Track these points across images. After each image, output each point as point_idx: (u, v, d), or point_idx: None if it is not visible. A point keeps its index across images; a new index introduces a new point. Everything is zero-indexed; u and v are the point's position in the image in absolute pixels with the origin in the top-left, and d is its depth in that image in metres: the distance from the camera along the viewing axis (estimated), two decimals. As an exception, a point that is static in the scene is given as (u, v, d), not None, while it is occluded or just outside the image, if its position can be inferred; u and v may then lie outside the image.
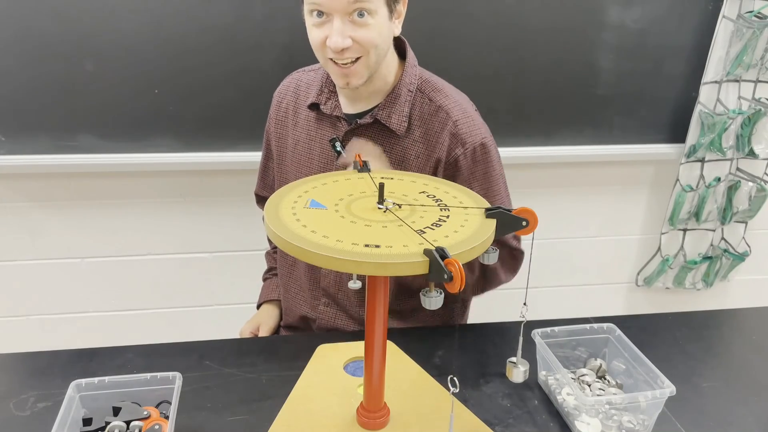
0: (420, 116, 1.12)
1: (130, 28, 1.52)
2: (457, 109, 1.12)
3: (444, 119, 1.11)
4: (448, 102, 1.12)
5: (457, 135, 1.10)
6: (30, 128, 1.58)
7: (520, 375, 0.94)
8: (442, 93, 1.14)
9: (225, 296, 1.94)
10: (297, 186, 0.86)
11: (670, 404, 0.93)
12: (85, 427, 0.84)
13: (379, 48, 1.03)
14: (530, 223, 0.75)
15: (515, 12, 1.64)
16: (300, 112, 1.21)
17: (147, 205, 1.78)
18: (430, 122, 1.11)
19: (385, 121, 1.11)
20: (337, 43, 0.98)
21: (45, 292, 1.84)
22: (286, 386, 0.97)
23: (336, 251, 0.67)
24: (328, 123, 1.17)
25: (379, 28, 1.01)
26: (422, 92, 1.13)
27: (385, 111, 1.11)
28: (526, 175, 1.89)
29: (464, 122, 1.11)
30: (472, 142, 1.10)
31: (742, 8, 1.71)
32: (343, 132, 1.14)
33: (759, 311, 1.29)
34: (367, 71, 1.05)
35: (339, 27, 0.98)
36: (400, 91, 1.11)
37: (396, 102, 1.11)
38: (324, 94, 1.16)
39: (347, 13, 0.98)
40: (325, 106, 1.16)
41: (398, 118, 1.11)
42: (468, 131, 1.11)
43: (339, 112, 1.15)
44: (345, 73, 1.04)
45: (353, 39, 0.99)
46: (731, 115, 1.80)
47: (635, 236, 2.08)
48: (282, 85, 1.27)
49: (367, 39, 1.00)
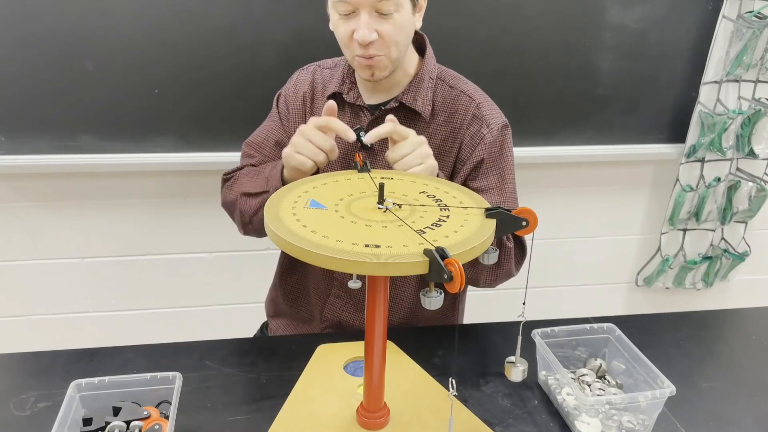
0: (443, 102, 1.16)
1: (130, 28, 1.52)
2: (478, 93, 1.17)
3: (467, 103, 1.15)
4: (468, 87, 1.17)
5: (481, 117, 1.14)
6: (30, 128, 1.58)
7: (519, 374, 0.94)
8: (461, 81, 1.19)
9: (225, 296, 1.94)
10: (297, 186, 0.86)
11: (670, 404, 0.93)
12: (85, 427, 0.84)
13: (401, 43, 1.07)
14: (530, 223, 0.75)
15: (515, 12, 1.64)
16: (317, 104, 1.21)
17: (147, 205, 1.78)
18: (453, 106, 1.15)
19: (410, 104, 1.13)
20: (364, 36, 1.01)
21: (45, 292, 1.84)
22: (286, 386, 0.96)
23: (336, 251, 0.67)
24: (349, 113, 1.18)
25: (403, 23, 1.05)
26: (443, 80, 1.18)
27: (410, 95, 1.14)
28: (526, 175, 1.88)
29: (486, 105, 1.16)
30: (496, 123, 1.14)
31: (742, 8, 1.71)
32: (367, 122, 1.16)
33: (759, 311, 1.29)
34: (390, 64, 1.08)
35: (366, 20, 1.01)
36: (423, 77, 1.15)
37: (420, 87, 1.15)
38: (346, 85, 1.18)
39: (374, 7, 1.01)
40: (348, 96, 1.17)
41: (423, 101, 1.14)
42: (491, 113, 1.15)
43: (362, 101, 1.17)
44: (369, 64, 1.06)
45: (378, 33, 1.03)
46: (731, 115, 1.80)
47: (635, 236, 2.08)
48: (297, 76, 1.24)
49: (390, 34, 1.03)
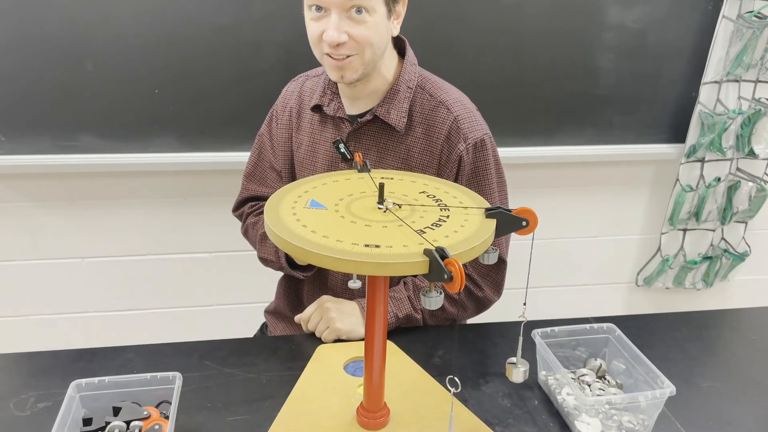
0: (421, 112, 1.13)
1: (130, 28, 1.52)
2: (457, 105, 1.13)
3: (445, 115, 1.12)
4: (448, 98, 1.13)
5: (458, 130, 1.11)
6: (30, 128, 1.58)
7: (520, 375, 0.94)
8: (442, 90, 1.15)
9: (225, 296, 1.94)
10: (297, 186, 0.86)
11: (670, 404, 0.93)
12: (85, 427, 0.84)
13: (375, 46, 1.04)
14: (530, 223, 0.75)
15: (516, 13, 1.64)
16: (303, 116, 1.21)
17: (147, 205, 1.78)
18: (431, 118, 1.12)
19: (384, 117, 1.11)
20: (332, 37, 0.99)
21: (45, 292, 1.84)
22: (286, 386, 0.97)
23: (336, 251, 0.67)
24: (331, 125, 1.18)
25: (376, 27, 1.02)
26: (423, 89, 1.14)
27: (384, 107, 1.12)
28: (527, 175, 1.89)
29: (465, 118, 1.12)
30: (474, 138, 1.11)
31: (742, 8, 1.71)
32: (347, 133, 1.15)
33: (759, 311, 1.29)
34: (362, 66, 1.05)
35: (336, 21, 0.99)
36: (399, 87, 1.12)
37: (395, 98, 1.12)
38: (327, 96, 1.17)
39: (345, 9, 0.99)
40: (328, 108, 1.16)
41: (397, 113, 1.11)
42: (469, 126, 1.12)
43: (342, 113, 1.15)
44: (339, 66, 1.04)
45: (349, 35, 1.00)
46: (731, 115, 1.80)
47: (635, 236, 2.08)
48: (286, 90, 1.27)
49: (363, 36, 1.01)
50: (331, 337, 1.10)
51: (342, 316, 1.11)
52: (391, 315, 1.13)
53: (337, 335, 1.10)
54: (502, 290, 1.21)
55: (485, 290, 1.19)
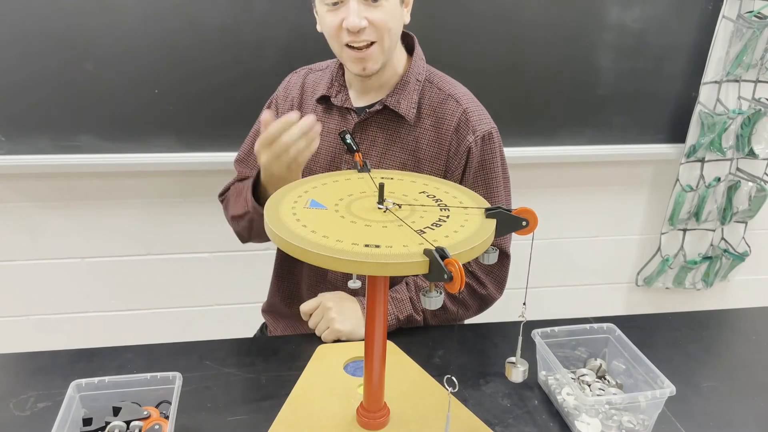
0: (430, 104, 1.15)
1: (130, 28, 1.52)
2: (466, 97, 1.15)
3: (454, 107, 1.13)
4: (457, 91, 1.15)
5: (468, 122, 1.12)
6: (30, 128, 1.58)
7: (520, 375, 0.94)
8: (450, 84, 1.17)
9: (225, 296, 1.94)
10: (297, 186, 0.85)
11: (670, 404, 0.93)
12: (85, 427, 0.84)
13: (392, 32, 1.06)
14: (530, 223, 0.75)
15: (515, 12, 1.64)
16: (306, 108, 1.22)
17: (147, 205, 1.78)
18: (440, 110, 1.14)
19: (394, 106, 1.12)
20: (354, 23, 1.01)
21: (45, 292, 1.84)
22: (286, 386, 0.96)
23: (336, 251, 0.67)
24: (337, 116, 1.18)
25: (392, 12, 1.05)
26: (431, 82, 1.16)
27: (394, 98, 1.13)
28: (527, 175, 1.89)
29: (474, 110, 1.14)
30: (482, 130, 1.13)
31: (742, 8, 1.71)
32: (353, 124, 1.15)
33: (759, 311, 1.29)
34: (381, 56, 1.07)
35: (355, 8, 1.01)
36: (409, 79, 1.14)
37: (405, 89, 1.14)
38: (334, 87, 1.18)
39: None
40: (336, 99, 1.17)
41: (407, 103, 1.13)
42: (478, 119, 1.14)
43: (349, 104, 1.16)
44: (361, 57, 1.06)
45: (369, 21, 1.02)
46: (731, 115, 1.80)
47: (635, 236, 2.08)
48: (289, 81, 1.27)
49: (381, 21, 1.03)
50: (331, 337, 1.10)
51: (343, 317, 1.11)
52: (393, 316, 1.13)
53: (337, 336, 1.10)
54: (505, 286, 1.21)
55: (488, 287, 1.19)
